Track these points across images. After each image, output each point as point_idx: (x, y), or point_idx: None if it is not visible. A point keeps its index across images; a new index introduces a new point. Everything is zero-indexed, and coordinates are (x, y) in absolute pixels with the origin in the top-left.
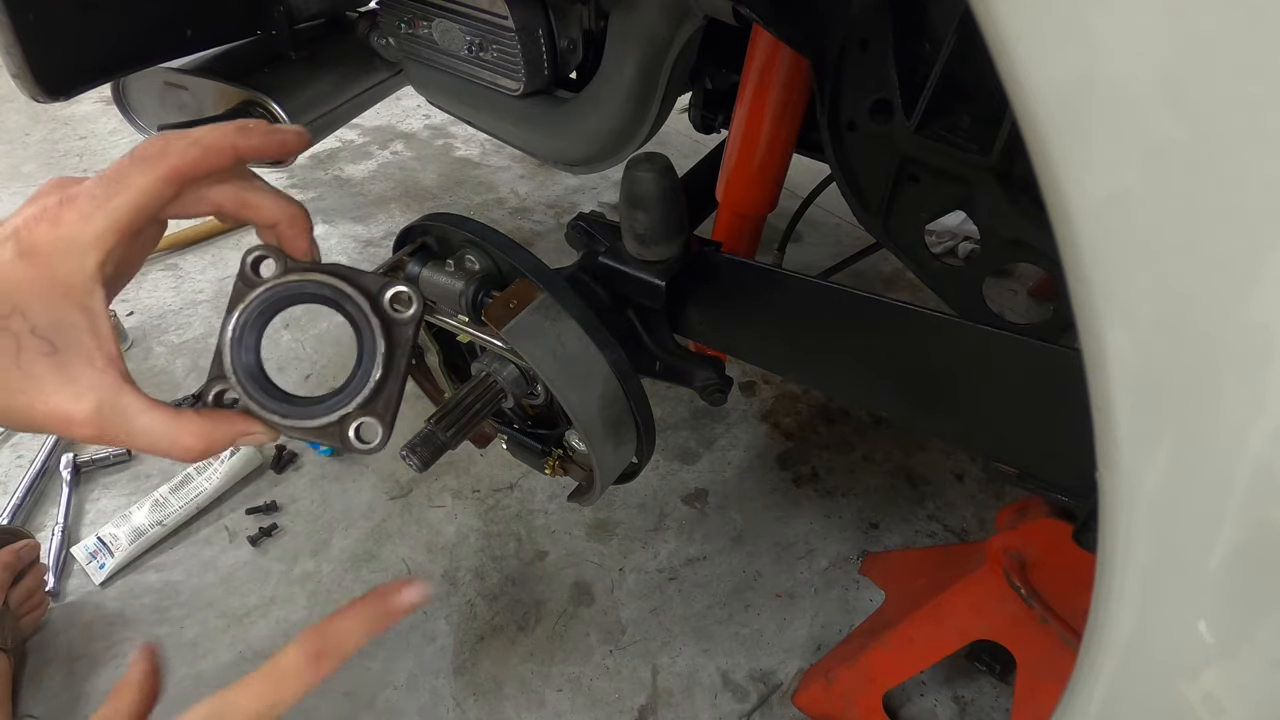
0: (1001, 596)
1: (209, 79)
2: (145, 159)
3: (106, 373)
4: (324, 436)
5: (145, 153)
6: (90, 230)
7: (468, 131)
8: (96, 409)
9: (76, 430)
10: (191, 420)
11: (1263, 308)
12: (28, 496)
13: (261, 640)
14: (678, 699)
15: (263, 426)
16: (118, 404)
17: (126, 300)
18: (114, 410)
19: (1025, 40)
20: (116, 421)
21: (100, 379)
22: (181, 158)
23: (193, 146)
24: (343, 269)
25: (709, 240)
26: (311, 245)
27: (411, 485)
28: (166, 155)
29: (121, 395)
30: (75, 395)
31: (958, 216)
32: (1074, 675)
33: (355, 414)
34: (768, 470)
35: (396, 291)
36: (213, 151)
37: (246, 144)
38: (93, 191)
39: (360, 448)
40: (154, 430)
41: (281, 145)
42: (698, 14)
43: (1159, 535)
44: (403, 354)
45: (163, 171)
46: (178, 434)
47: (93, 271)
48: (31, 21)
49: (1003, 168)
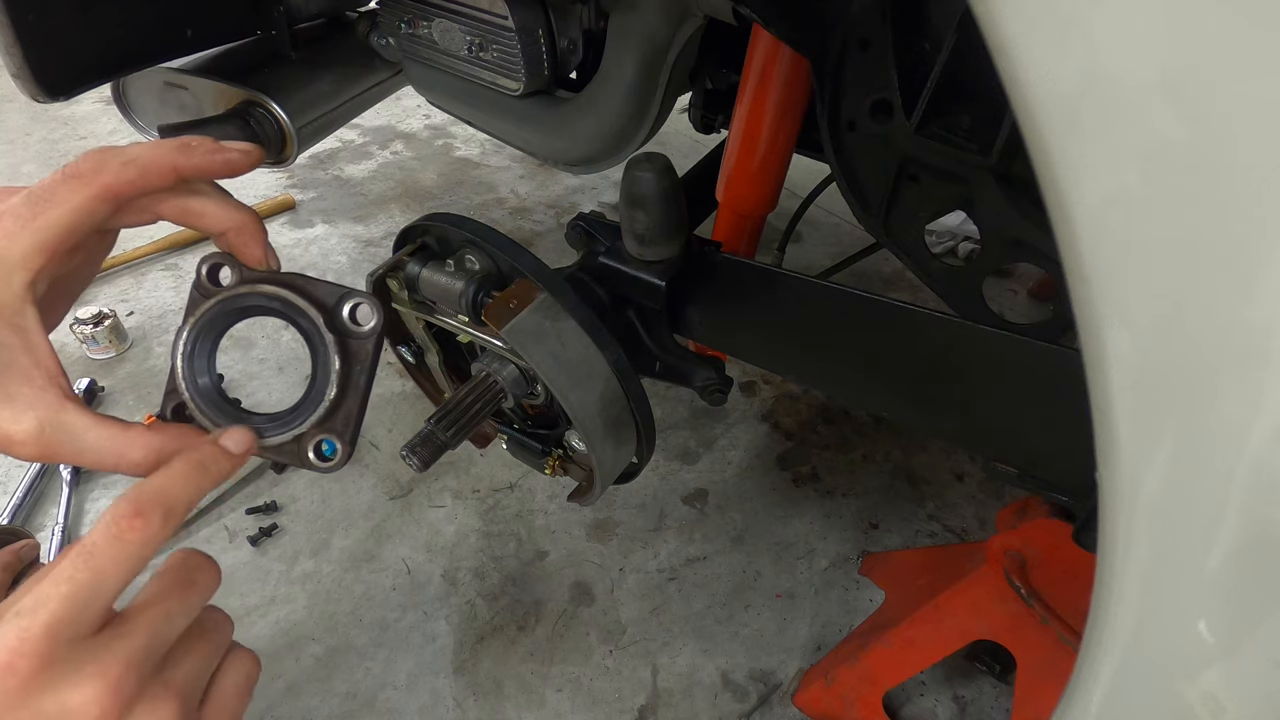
0: (1001, 596)
1: (209, 79)
2: (78, 176)
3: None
4: (282, 455)
5: (79, 169)
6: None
7: (468, 131)
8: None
9: (18, 450)
10: (140, 435)
11: (1262, 308)
12: (28, 496)
13: (262, 640)
14: (678, 699)
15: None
16: (60, 421)
17: (126, 300)
18: (56, 428)
19: (1025, 40)
20: (60, 439)
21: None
22: (116, 177)
23: (129, 166)
24: (299, 279)
25: (709, 240)
26: (267, 253)
27: (411, 485)
28: (100, 174)
29: (63, 413)
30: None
31: (958, 216)
32: (1074, 675)
33: (312, 432)
34: (768, 470)
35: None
36: (150, 172)
37: (187, 163)
38: (18, 210)
39: (320, 466)
40: (101, 447)
41: (227, 164)
42: (698, 14)
43: (1159, 535)
44: (362, 370)
45: (96, 190)
46: (126, 449)
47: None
48: (31, 21)
49: (1003, 168)
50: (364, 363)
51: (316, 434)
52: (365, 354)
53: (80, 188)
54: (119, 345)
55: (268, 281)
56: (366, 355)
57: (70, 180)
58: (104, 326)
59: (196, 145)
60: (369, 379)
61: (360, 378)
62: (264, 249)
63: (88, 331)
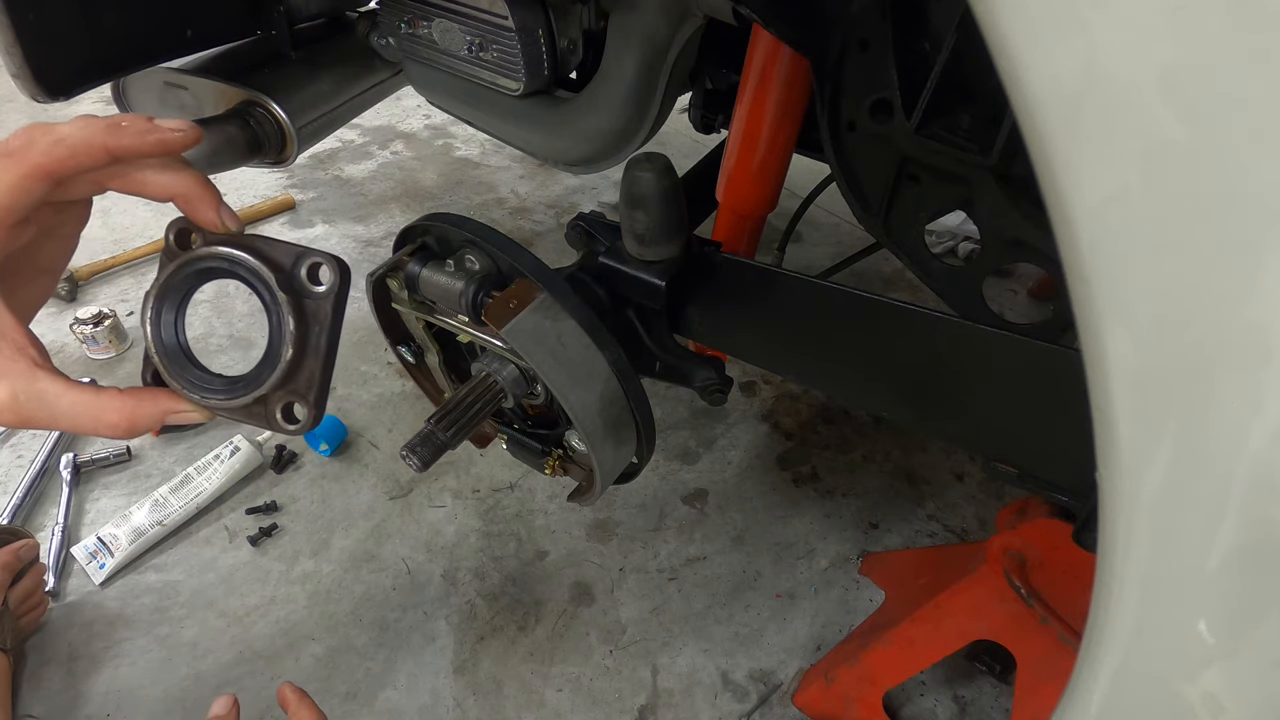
0: (1001, 596)
1: (209, 79)
2: (9, 155)
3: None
4: (249, 417)
5: (9, 148)
6: None
7: (468, 131)
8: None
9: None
10: (114, 398)
11: (1262, 308)
12: (28, 496)
13: (261, 640)
14: (678, 699)
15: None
16: (33, 389)
17: (126, 300)
18: (30, 395)
19: (1025, 40)
20: (35, 406)
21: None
22: (46, 156)
23: (58, 145)
24: (257, 240)
25: (709, 240)
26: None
27: (411, 485)
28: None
29: (36, 381)
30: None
31: (958, 216)
32: (1074, 675)
33: (277, 395)
34: (768, 470)
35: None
36: (80, 151)
37: (117, 143)
38: None
39: (287, 428)
40: (76, 411)
41: (160, 143)
42: (698, 14)
43: (1159, 535)
44: (321, 330)
45: (26, 169)
46: (100, 412)
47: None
48: (31, 21)
49: (1003, 168)
50: (323, 323)
51: (281, 397)
52: (324, 314)
53: (11, 167)
54: (119, 345)
55: (224, 244)
56: (326, 316)
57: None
58: (104, 326)
59: (128, 125)
60: (331, 340)
61: (320, 339)
62: (216, 212)
63: (88, 331)
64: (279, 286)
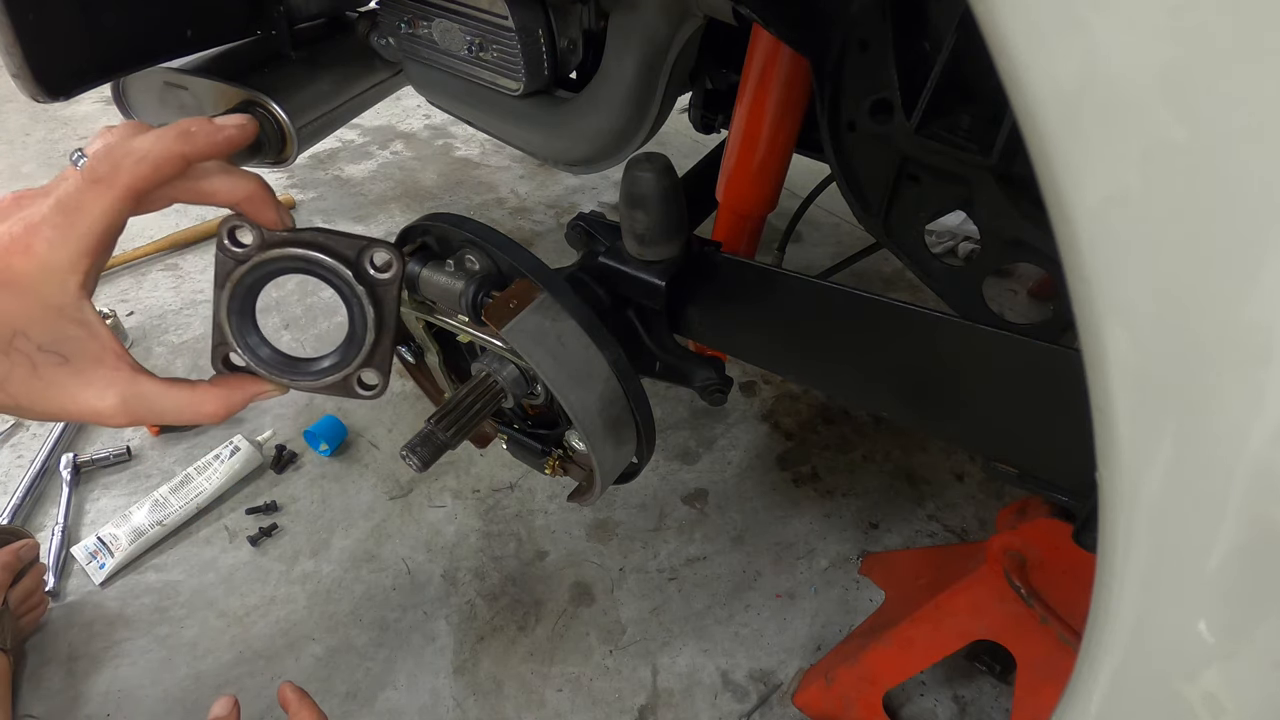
0: (1001, 596)
1: (209, 79)
2: (100, 181)
3: (119, 369)
4: (331, 390)
5: (98, 173)
6: (65, 257)
7: (468, 131)
8: (121, 401)
9: (110, 421)
10: (209, 390)
11: (1262, 308)
12: (28, 496)
13: (261, 640)
14: (678, 699)
15: (272, 384)
16: (138, 393)
17: (127, 300)
18: (136, 399)
19: (1025, 40)
20: (141, 407)
21: (115, 375)
22: (134, 175)
23: (142, 163)
24: (319, 236)
25: (709, 240)
26: (280, 213)
27: (411, 485)
28: (119, 175)
29: (138, 384)
30: (98, 394)
31: (958, 216)
32: (1074, 675)
33: (356, 370)
34: (768, 470)
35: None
36: (164, 164)
37: (194, 150)
38: (55, 221)
39: (365, 395)
40: (179, 407)
41: (229, 141)
42: (698, 14)
43: (1159, 535)
44: (390, 311)
45: (119, 193)
46: (200, 404)
47: (76, 291)
48: (31, 21)
49: (1003, 168)
50: (389, 304)
51: (359, 370)
52: (390, 297)
53: (105, 192)
54: (120, 342)
55: (293, 244)
56: (391, 298)
57: (95, 186)
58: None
59: (196, 130)
60: (396, 317)
61: (389, 319)
62: (277, 212)
63: None
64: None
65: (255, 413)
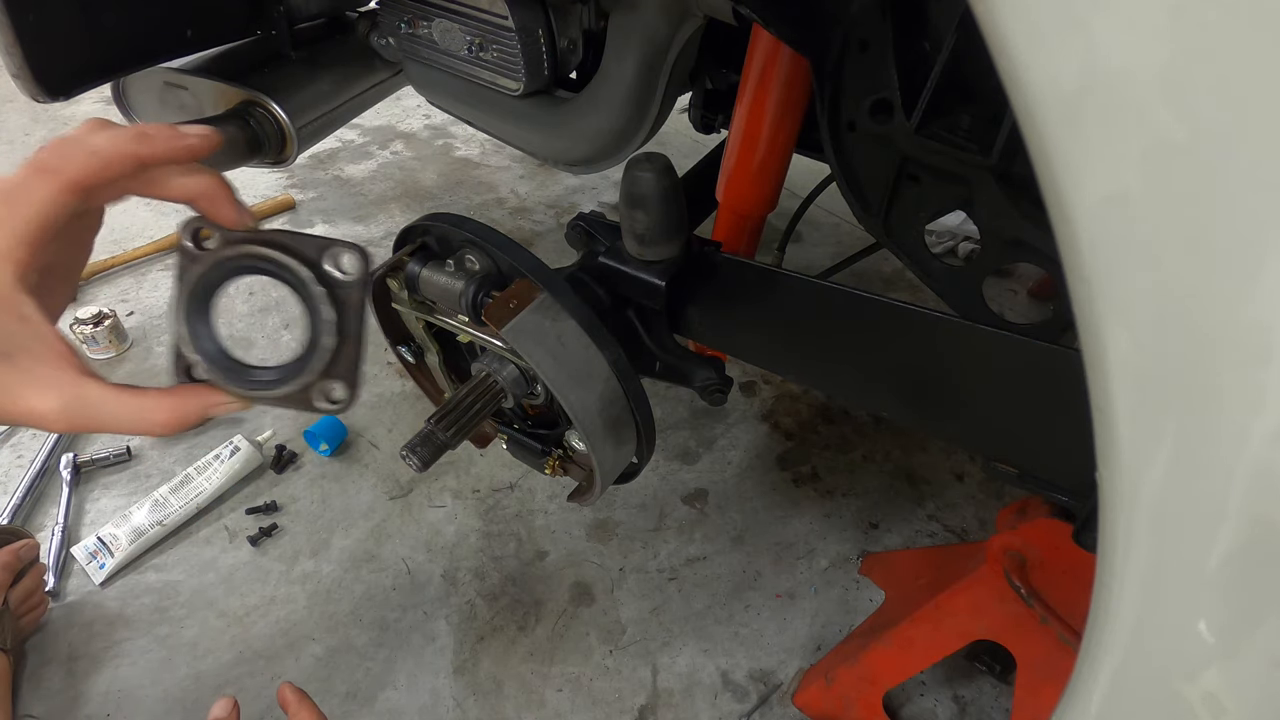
0: (1001, 596)
1: (209, 79)
2: (44, 170)
3: (63, 370)
4: (293, 403)
5: (44, 163)
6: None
7: (468, 131)
8: (62, 405)
9: (49, 424)
10: (159, 398)
11: (1262, 307)
12: (28, 496)
13: (261, 640)
14: (678, 699)
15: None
16: (81, 396)
17: (126, 300)
18: (79, 402)
19: (1025, 40)
20: (84, 412)
21: (58, 376)
22: (81, 169)
23: (92, 158)
24: (280, 236)
25: (709, 240)
26: (240, 212)
27: (411, 485)
28: (66, 167)
29: (82, 387)
30: (39, 394)
31: (958, 216)
32: (1074, 675)
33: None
34: (768, 470)
35: (338, 254)
36: (113, 162)
37: (150, 153)
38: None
39: (330, 408)
40: (123, 414)
41: (187, 150)
42: (698, 14)
43: (1159, 535)
44: (355, 316)
45: (62, 184)
46: (149, 413)
47: (12, 284)
48: (31, 21)
49: (1003, 168)
50: (354, 308)
51: (322, 380)
52: (355, 300)
53: (48, 181)
54: (119, 345)
55: (253, 242)
56: (356, 301)
57: (39, 174)
58: (104, 326)
59: (154, 134)
60: (361, 323)
61: (353, 323)
62: (235, 209)
63: (88, 331)
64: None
65: (255, 412)
